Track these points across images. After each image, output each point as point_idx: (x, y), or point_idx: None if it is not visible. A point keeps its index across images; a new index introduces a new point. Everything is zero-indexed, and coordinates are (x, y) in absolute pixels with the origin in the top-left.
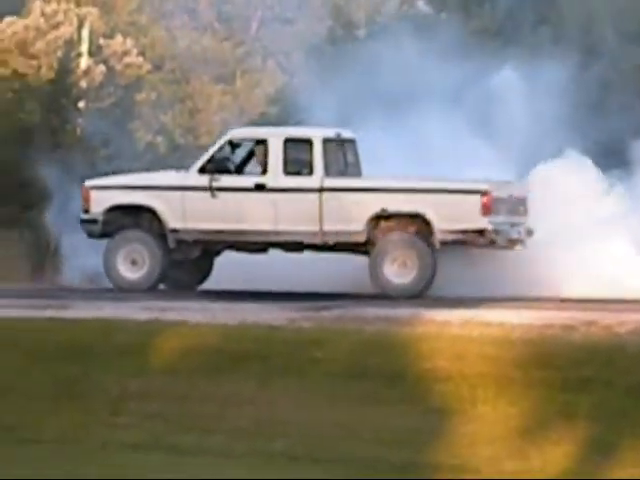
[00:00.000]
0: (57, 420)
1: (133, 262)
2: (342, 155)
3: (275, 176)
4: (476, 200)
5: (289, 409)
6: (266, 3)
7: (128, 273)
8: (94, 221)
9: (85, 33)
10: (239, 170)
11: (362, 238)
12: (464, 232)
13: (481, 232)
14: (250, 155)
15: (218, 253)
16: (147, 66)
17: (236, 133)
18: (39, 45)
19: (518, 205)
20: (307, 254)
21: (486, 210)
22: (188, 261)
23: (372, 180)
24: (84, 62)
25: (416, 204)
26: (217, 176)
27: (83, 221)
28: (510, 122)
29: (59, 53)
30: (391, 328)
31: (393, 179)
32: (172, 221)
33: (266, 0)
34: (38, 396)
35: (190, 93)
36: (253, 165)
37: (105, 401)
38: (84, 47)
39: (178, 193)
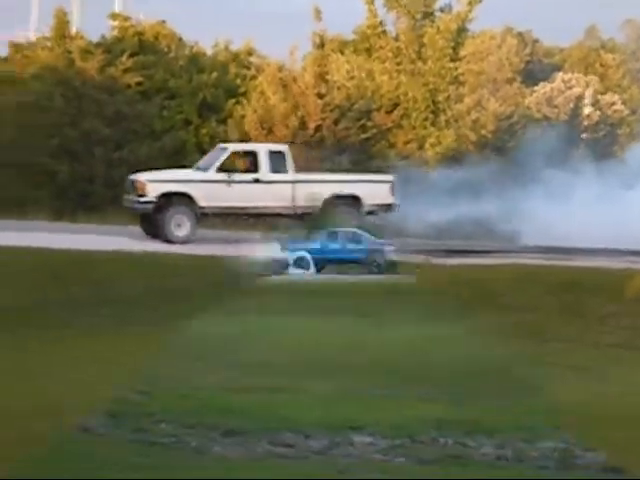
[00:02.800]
0: (564, 328)
1: (178, 225)
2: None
3: (265, 173)
4: (388, 186)
5: None
6: None
7: (176, 232)
8: (150, 202)
9: (589, 92)
10: (240, 170)
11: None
12: (379, 205)
13: (390, 205)
14: (247, 160)
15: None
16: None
17: (235, 147)
18: (559, 99)
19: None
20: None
21: (392, 191)
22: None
23: (327, 175)
24: (587, 110)
25: (353, 189)
26: (229, 173)
27: (140, 202)
28: None
29: (571, 105)
30: None
31: (341, 174)
32: (201, 201)
33: None
34: (567, 314)
35: None
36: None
37: (594, 318)
38: (587, 100)
39: (204, 184)
